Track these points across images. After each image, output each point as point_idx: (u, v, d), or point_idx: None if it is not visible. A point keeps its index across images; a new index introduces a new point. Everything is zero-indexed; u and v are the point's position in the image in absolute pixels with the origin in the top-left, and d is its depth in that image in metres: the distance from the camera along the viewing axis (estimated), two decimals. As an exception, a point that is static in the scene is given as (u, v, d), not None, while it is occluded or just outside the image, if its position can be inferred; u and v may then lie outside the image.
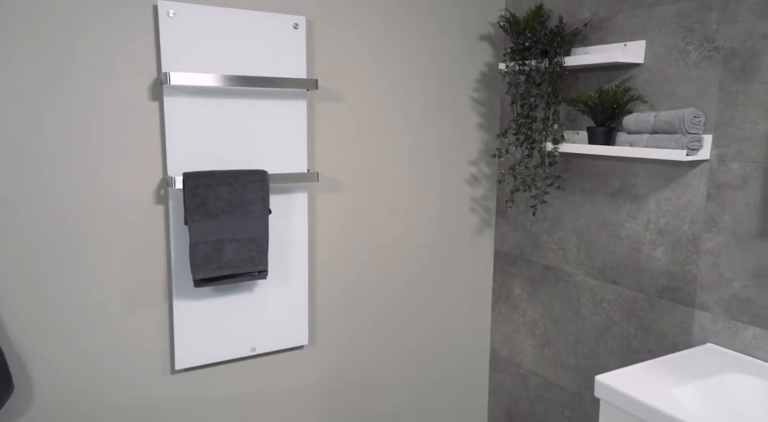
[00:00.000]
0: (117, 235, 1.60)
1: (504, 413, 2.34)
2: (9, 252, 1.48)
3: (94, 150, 1.54)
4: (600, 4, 1.81)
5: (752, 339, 1.48)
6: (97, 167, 1.55)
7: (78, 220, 1.55)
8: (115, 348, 1.64)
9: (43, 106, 1.47)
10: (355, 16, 1.87)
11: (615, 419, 1.33)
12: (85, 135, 1.53)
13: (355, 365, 2.06)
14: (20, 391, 1.53)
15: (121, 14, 1.53)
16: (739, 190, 1.49)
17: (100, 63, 1.52)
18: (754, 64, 1.43)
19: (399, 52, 1.97)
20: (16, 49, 1.42)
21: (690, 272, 1.62)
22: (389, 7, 1.92)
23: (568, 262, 2.00)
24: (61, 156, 1.51)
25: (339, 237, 1.96)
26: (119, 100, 1.56)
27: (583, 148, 1.78)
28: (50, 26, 1.45)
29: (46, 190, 1.50)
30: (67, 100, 1.49)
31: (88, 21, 1.49)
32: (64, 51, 1.47)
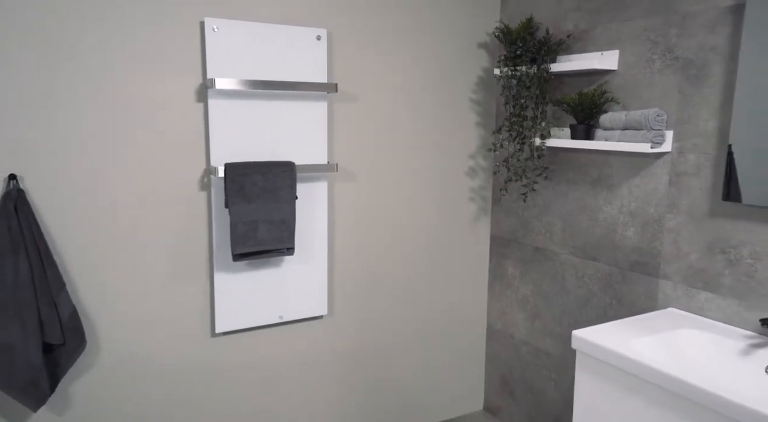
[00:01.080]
0: (168, 217, 1.88)
1: (499, 379, 2.63)
2: (85, 228, 1.76)
3: (150, 144, 1.83)
4: (581, 18, 2.09)
5: (704, 302, 1.76)
6: (152, 158, 1.84)
7: (137, 204, 1.83)
8: (165, 313, 1.92)
9: (113, 109, 1.75)
10: (369, 28, 2.15)
11: (586, 364, 1.62)
12: (144, 131, 1.81)
13: (368, 334, 2.35)
14: (89, 348, 1.81)
15: (173, 29, 1.81)
16: (694, 177, 1.77)
17: (157, 70, 1.80)
18: (705, 72, 1.71)
19: (406, 58, 2.25)
20: (103, 61, 1.70)
21: (655, 248, 1.90)
22: (398, 20, 2.20)
23: (554, 243, 2.28)
24: (120, 148, 1.79)
25: (354, 221, 2.24)
26: (172, 102, 1.84)
27: (566, 143, 2.06)
28: (115, 38, 1.73)
29: (109, 177, 1.78)
30: (132, 103, 1.78)
31: (146, 33, 1.77)
32: (128, 59, 1.75)
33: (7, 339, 1.61)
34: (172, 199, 1.89)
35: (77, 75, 1.70)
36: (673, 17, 1.79)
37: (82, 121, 1.72)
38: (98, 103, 1.74)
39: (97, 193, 1.77)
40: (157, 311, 1.91)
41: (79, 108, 1.71)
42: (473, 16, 2.37)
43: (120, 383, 1.88)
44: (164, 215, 1.88)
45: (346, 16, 2.10)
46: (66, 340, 1.72)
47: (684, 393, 1.34)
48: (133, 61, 1.76)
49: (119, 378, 1.88)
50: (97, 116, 1.74)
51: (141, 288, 1.88)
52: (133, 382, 1.90)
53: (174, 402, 1.98)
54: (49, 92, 1.67)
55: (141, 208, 1.84)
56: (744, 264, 1.65)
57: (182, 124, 1.87)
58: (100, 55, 1.72)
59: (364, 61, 2.16)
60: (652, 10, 1.85)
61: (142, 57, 1.78)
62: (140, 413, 1.93)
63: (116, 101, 1.76)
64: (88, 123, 1.73)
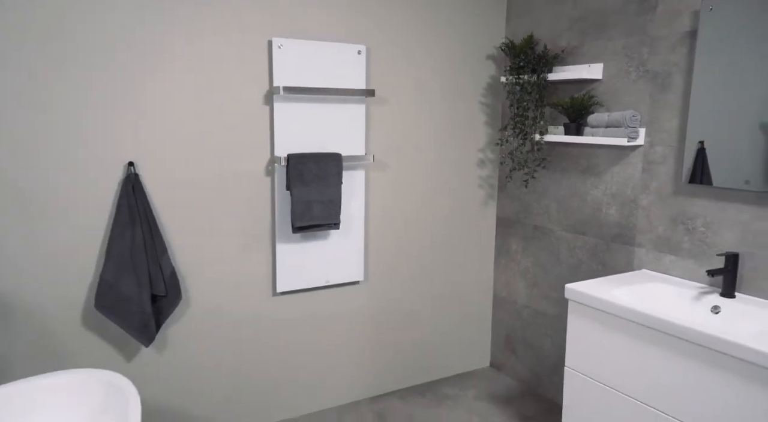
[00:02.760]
0: (240, 199, 2.34)
1: (503, 338, 3.10)
2: (180, 207, 2.22)
3: (229, 139, 2.29)
4: (573, 36, 2.56)
5: (669, 264, 2.23)
6: (230, 150, 2.30)
7: (218, 188, 2.29)
8: (238, 275, 2.38)
9: (201, 111, 2.21)
10: (399, 44, 2.61)
11: (577, 310, 2.09)
12: (225, 128, 2.27)
13: (394, 299, 2.81)
14: (182, 301, 2.27)
15: (249, 47, 2.26)
16: (661, 165, 2.24)
17: (236, 80, 2.26)
18: (668, 81, 2.19)
19: (428, 68, 2.71)
20: (185, 72, 2.16)
21: (632, 222, 2.37)
22: (420, 37, 2.67)
23: (551, 222, 2.75)
24: (207, 142, 2.25)
25: (384, 204, 2.71)
26: (246, 105, 2.30)
27: (560, 138, 2.53)
28: (204, 54, 2.19)
29: (198, 166, 2.24)
30: (217, 107, 2.23)
31: (230, 51, 2.23)
32: (213, 71, 2.21)
33: (127, 291, 2.07)
34: (244, 184, 2.34)
35: (178, 87, 2.15)
36: (645, 39, 2.26)
37: (179, 121, 2.18)
38: (192, 107, 2.19)
39: (190, 179, 2.23)
40: (232, 273, 2.37)
41: (177, 111, 2.17)
42: (483, 32, 2.84)
43: (204, 328, 2.34)
44: (238, 197, 2.34)
45: (381, 35, 2.56)
46: (168, 293, 2.18)
47: (652, 325, 1.82)
48: (220, 73, 2.22)
49: (204, 324, 2.34)
50: (191, 117, 2.20)
51: (220, 255, 2.34)
52: (213, 328, 2.36)
53: (243, 344, 2.44)
54: (159, 99, 2.12)
55: (221, 191, 2.30)
56: (698, 232, 2.13)
57: (253, 123, 2.33)
58: (196, 69, 2.17)
59: (394, 70, 2.63)
60: (629, 33, 2.32)
61: (228, 69, 2.23)
62: (218, 352, 2.39)
63: (205, 106, 2.22)
64: (184, 122, 2.19)
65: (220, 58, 2.22)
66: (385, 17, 2.56)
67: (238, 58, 2.25)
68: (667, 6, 2.17)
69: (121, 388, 1.62)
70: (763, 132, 1.88)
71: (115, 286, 2.07)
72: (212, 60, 2.21)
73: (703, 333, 1.67)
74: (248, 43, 2.27)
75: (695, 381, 1.71)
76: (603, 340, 1.99)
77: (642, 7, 2.26)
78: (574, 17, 2.55)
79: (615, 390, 1.96)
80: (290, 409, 2.60)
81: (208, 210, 2.29)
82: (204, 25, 2.17)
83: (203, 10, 2.16)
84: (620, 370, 1.93)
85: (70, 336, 2.10)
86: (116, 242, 2.07)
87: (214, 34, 2.19)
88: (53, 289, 2.05)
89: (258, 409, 2.52)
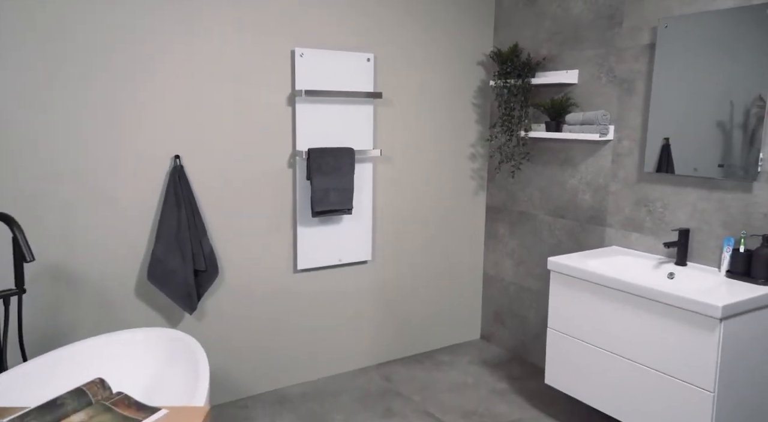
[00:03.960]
0: (266, 187, 2.69)
1: (492, 313, 3.49)
2: (217, 194, 2.56)
3: (257, 135, 2.63)
4: (552, 46, 2.96)
5: (633, 240, 2.64)
6: (258, 145, 2.64)
7: (248, 178, 2.63)
8: (264, 254, 2.73)
9: (235, 111, 2.56)
10: (402, 53, 2.98)
11: (557, 279, 2.48)
12: (253, 126, 2.61)
13: (397, 277, 3.18)
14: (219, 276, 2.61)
15: (274, 55, 2.61)
16: (627, 157, 2.64)
17: (263, 84, 2.60)
18: (633, 86, 2.59)
19: (427, 73, 3.09)
20: (222, 79, 2.50)
21: (603, 206, 2.77)
22: (421, 46, 3.04)
23: (534, 208, 3.15)
24: (239, 138, 2.59)
25: (389, 193, 3.07)
26: (271, 105, 2.64)
27: (542, 134, 2.92)
28: (239, 63, 2.53)
29: (232, 159, 2.58)
30: (247, 107, 2.58)
31: (258, 58, 2.57)
32: (246, 77, 2.56)
33: (173, 266, 2.41)
34: (269, 175, 2.69)
35: (216, 92, 2.49)
36: (612, 49, 2.66)
37: (217, 120, 2.52)
38: (228, 108, 2.54)
39: (225, 170, 2.57)
40: (259, 253, 2.72)
41: (216, 112, 2.51)
42: (474, 42, 3.22)
43: (236, 300, 2.69)
44: (264, 186, 2.68)
45: (387, 45, 2.93)
46: (207, 268, 2.51)
47: (620, 288, 2.21)
48: (252, 79, 2.57)
49: (235, 297, 2.68)
50: (226, 117, 2.54)
51: (249, 236, 2.68)
52: (243, 300, 2.71)
53: (269, 315, 2.79)
54: (201, 102, 2.46)
55: (250, 181, 2.64)
56: (657, 212, 2.54)
57: (278, 121, 2.68)
58: (232, 76, 2.52)
59: (398, 75, 2.99)
60: (599, 44, 2.72)
61: (258, 75, 2.58)
62: (248, 321, 2.73)
63: (239, 107, 2.56)
64: (221, 121, 2.53)
65: (252, 66, 2.56)
66: (391, 29, 2.92)
67: (266, 66, 2.60)
68: (630, 23, 2.58)
69: (184, 341, 1.96)
70: (708, 128, 2.29)
71: (164, 261, 2.40)
72: (246, 68, 2.55)
73: (662, 291, 2.07)
74: (275, 53, 2.62)
75: (654, 331, 2.11)
76: (579, 303, 2.39)
77: (610, 23, 2.66)
78: (552, 30, 2.95)
79: (589, 343, 2.36)
80: (309, 373, 2.96)
81: (239, 197, 2.63)
82: (240, 39, 2.51)
83: (240, 27, 2.50)
84: (593, 327, 2.33)
85: (126, 304, 2.43)
86: (165, 224, 2.40)
87: (247, 47, 2.54)
88: (113, 264, 2.38)
89: (282, 372, 2.87)
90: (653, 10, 2.48)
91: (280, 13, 2.61)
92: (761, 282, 2.12)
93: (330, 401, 2.77)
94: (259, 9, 2.55)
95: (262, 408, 2.69)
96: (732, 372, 1.99)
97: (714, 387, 1.95)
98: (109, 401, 1.47)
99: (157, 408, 1.46)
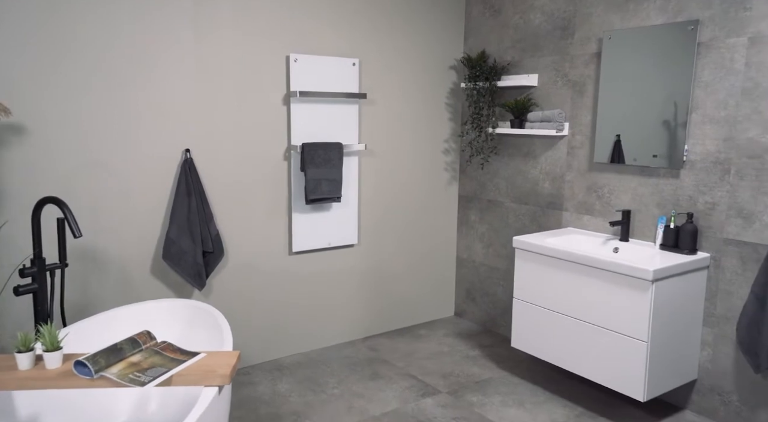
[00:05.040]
0: (264, 178, 3.02)
1: (465, 291, 3.88)
2: (221, 183, 2.87)
3: (256, 131, 2.96)
4: (515, 53, 3.36)
5: (586, 221, 3.06)
6: (257, 140, 2.97)
7: (248, 170, 2.96)
8: (263, 238, 3.06)
9: (237, 110, 2.88)
10: (384, 58, 3.34)
11: (521, 255, 2.87)
12: (253, 124, 2.94)
13: (380, 259, 3.54)
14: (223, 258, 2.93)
15: (272, 60, 2.94)
16: (580, 149, 3.06)
17: (262, 86, 2.93)
18: (583, 88, 3.01)
19: (406, 76, 3.46)
20: (226, 81, 2.82)
21: (560, 193, 3.19)
22: (400, 52, 3.41)
23: (501, 196, 3.55)
24: (240, 134, 2.91)
25: (373, 183, 3.43)
26: (269, 105, 2.97)
27: (508, 131, 3.32)
28: (242, 68, 2.86)
29: (234, 153, 2.91)
30: (248, 107, 2.90)
31: (258, 62, 2.90)
32: (247, 80, 2.88)
33: (185, 247, 2.72)
34: (267, 166, 3.02)
35: (221, 93, 2.81)
36: (566, 57, 3.08)
37: (222, 118, 2.84)
38: (231, 107, 2.86)
39: (228, 162, 2.89)
40: (259, 236, 3.04)
41: (220, 111, 2.83)
42: (447, 49, 3.60)
43: (238, 279, 3.01)
44: (263, 176, 3.01)
45: (371, 51, 3.28)
46: (214, 250, 2.83)
47: (574, 260, 2.62)
48: (252, 81, 2.89)
49: (238, 276, 3.01)
50: (230, 115, 2.86)
51: (250, 221, 3.00)
52: (245, 279, 3.03)
53: (267, 293, 3.12)
54: (208, 102, 2.78)
55: (250, 172, 2.97)
56: (605, 197, 2.96)
57: (275, 119, 3.01)
58: (235, 79, 2.84)
59: (380, 78, 3.35)
60: (555, 52, 3.13)
61: (258, 78, 2.90)
62: (249, 298, 3.06)
63: (241, 106, 2.88)
64: (225, 119, 2.85)
65: (252, 70, 2.89)
66: (374, 37, 3.28)
67: (265, 70, 2.93)
68: (581, 34, 2.99)
69: (204, 309, 2.28)
70: (645, 124, 2.72)
71: (177, 243, 2.71)
72: (247, 72, 2.88)
73: (607, 261, 2.48)
74: (272, 59, 2.95)
75: (601, 295, 2.52)
76: (540, 275, 2.79)
77: (564, 33, 3.08)
78: (515, 39, 3.35)
79: (548, 309, 2.76)
80: (303, 345, 3.30)
81: (241, 187, 2.95)
82: (242, 47, 2.84)
83: (242, 36, 2.82)
84: (552, 295, 2.74)
85: (143, 281, 2.73)
86: (177, 209, 2.71)
87: (248, 53, 2.86)
88: (132, 244, 2.67)
89: (278, 345, 3.20)
90: (599, 23, 2.90)
91: (276, 23, 2.94)
92: (686, 252, 2.56)
93: (323, 368, 3.12)
94: (258, 20, 2.88)
95: (263, 374, 3.02)
96: (661, 324, 2.41)
97: (648, 337, 2.37)
98: (157, 347, 1.79)
99: (196, 352, 1.79)
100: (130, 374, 1.63)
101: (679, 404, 2.73)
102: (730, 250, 2.48)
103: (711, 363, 2.59)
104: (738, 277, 2.46)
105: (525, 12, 3.27)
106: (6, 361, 1.71)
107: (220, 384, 1.65)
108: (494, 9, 3.45)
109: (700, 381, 2.63)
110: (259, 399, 2.76)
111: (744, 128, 2.40)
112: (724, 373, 2.54)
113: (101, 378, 1.62)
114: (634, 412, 2.69)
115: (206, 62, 2.76)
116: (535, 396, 2.84)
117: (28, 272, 2.02)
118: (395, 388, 2.90)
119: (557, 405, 2.75)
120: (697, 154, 2.56)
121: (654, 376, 2.42)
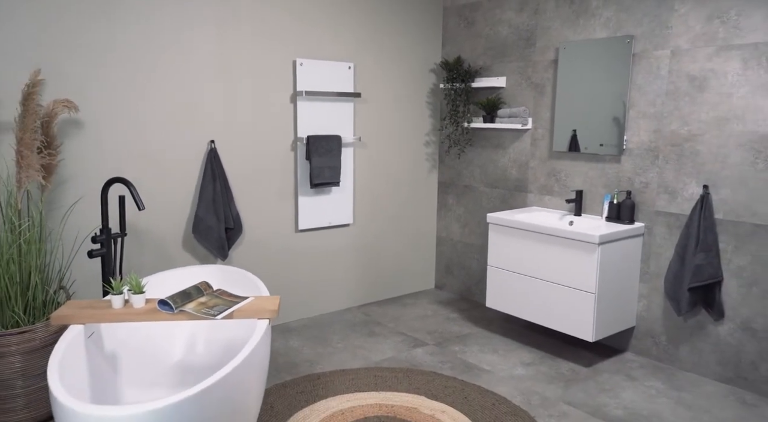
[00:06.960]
0: (275, 166, 3.51)
1: (444, 266, 4.44)
2: (240, 171, 3.35)
3: (267, 126, 3.45)
4: (486, 58, 3.92)
5: (547, 201, 3.65)
6: (268, 133, 3.46)
7: (262, 160, 3.44)
8: (274, 218, 3.55)
9: (253, 107, 3.36)
10: (375, 62, 3.86)
11: (494, 228, 3.44)
12: (265, 119, 3.43)
13: (371, 237, 4.07)
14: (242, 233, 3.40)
15: (281, 64, 3.43)
16: (541, 140, 3.65)
17: (272, 86, 3.42)
18: (544, 90, 3.59)
19: (394, 78, 3.99)
20: (245, 82, 3.30)
21: (525, 177, 3.77)
22: (389, 57, 3.93)
23: (476, 182, 4.11)
24: (255, 128, 3.40)
25: (366, 170, 3.95)
26: (279, 103, 3.47)
27: (481, 125, 3.89)
28: (257, 70, 3.34)
29: (250, 145, 3.39)
30: (261, 105, 3.39)
31: (269, 65, 3.39)
32: (261, 81, 3.37)
33: (211, 223, 3.19)
34: (277, 156, 3.51)
35: (240, 91, 3.29)
36: (530, 62, 3.66)
37: (241, 114, 3.32)
38: (248, 104, 3.34)
39: (245, 152, 3.37)
40: (270, 216, 3.53)
41: (239, 107, 3.31)
42: (428, 54, 4.15)
43: (253, 252, 3.50)
44: (273, 163, 3.50)
45: (364, 56, 3.80)
46: (234, 227, 3.31)
47: (537, 231, 3.19)
48: (264, 82, 3.38)
49: (253, 250, 3.49)
50: (247, 111, 3.34)
51: (263, 203, 3.49)
52: (259, 252, 3.52)
53: (277, 265, 3.61)
54: (229, 99, 3.25)
55: (263, 161, 3.45)
56: (562, 180, 3.55)
57: (283, 115, 3.50)
58: (252, 80, 3.32)
59: (372, 79, 3.87)
60: (520, 58, 3.71)
61: (269, 80, 3.39)
62: (262, 269, 3.55)
63: (256, 104, 3.37)
64: (244, 114, 3.33)
65: (265, 73, 3.37)
66: (367, 45, 3.80)
67: (275, 73, 3.42)
68: (541, 44, 3.57)
69: (239, 272, 2.76)
70: (593, 118, 3.31)
71: (204, 220, 3.18)
72: (260, 75, 3.36)
73: (564, 230, 3.06)
74: (282, 63, 3.44)
75: (559, 258, 3.10)
76: (509, 245, 3.36)
77: (527, 43, 3.66)
78: (486, 46, 3.91)
79: (517, 272, 3.33)
80: (307, 311, 3.80)
81: (256, 173, 3.44)
82: (258, 53, 3.32)
83: (256, 44, 3.31)
84: (519, 260, 3.31)
85: (174, 252, 3.20)
86: (204, 191, 3.18)
87: (263, 58, 3.35)
88: (166, 220, 3.13)
89: (286, 310, 3.70)
90: (556, 35, 3.48)
91: (285, 33, 3.43)
92: (626, 222, 3.16)
93: (326, 329, 3.63)
94: (270, 31, 3.37)
95: (275, 334, 3.52)
96: (605, 280, 3.01)
97: (595, 289, 2.96)
98: (216, 292, 2.28)
99: (246, 296, 2.29)
100: (201, 310, 2.12)
101: (621, 347, 3.35)
102: (659, 220, 3.10)
103: (646, 311, 3.21)
104: (666, 241, 3.08)
105: (494, 24, 3.84)
106: (103, 303, 2.17)
107: (269, 317, 2.15)
108: (468, 21, 4.01)
109: (638, 328, 3.25)
110: (276, 352, 3.26)
111: (668, 122, 3.01)
112: (655, 319, 3.17)
113: (180, 312, 2.11)
114: (586, 354, 3.29)
115: (227, 66, 3.24)
116: (507, 345, 3.42)
117: (99, 239, 2.48)
118: (390, 342, 3.44)
119: (524, 351, 3.33)
120: (634, 143, 3.17)
121: (600, 321, 3.02)
